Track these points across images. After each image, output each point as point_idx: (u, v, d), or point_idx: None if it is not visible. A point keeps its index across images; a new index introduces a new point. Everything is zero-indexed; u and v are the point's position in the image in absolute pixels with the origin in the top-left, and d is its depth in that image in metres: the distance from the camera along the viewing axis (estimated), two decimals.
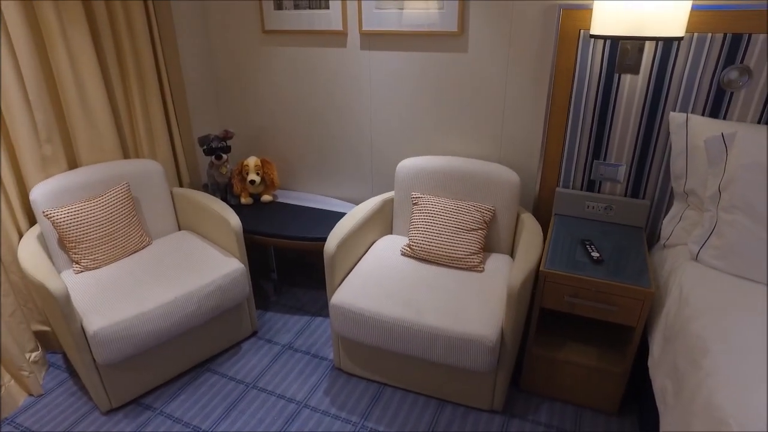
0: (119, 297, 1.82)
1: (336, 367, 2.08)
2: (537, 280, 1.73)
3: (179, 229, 2.37)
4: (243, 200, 2.53)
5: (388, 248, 2.10)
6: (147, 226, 2.24)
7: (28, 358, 1.97)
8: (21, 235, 1.98)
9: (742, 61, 1.65)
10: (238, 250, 2.08)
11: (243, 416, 1.87)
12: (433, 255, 1.97)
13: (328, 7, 2.20)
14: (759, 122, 1.70)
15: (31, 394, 1.96)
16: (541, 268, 1.71)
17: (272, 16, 2.33)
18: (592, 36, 1.65)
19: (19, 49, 1.83)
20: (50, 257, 1.97)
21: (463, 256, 1.93)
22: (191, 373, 2.08)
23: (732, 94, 1.71)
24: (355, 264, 2.04)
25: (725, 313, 1.38)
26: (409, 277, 1.90)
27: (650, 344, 1.64)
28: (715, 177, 1.63)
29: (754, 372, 1.17)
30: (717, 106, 1.74)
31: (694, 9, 1.65)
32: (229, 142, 2.45)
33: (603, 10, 1.60)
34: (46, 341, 2.15)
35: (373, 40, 2.19)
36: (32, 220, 2.02)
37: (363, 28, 2.17)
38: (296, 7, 2.26)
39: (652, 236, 2.02)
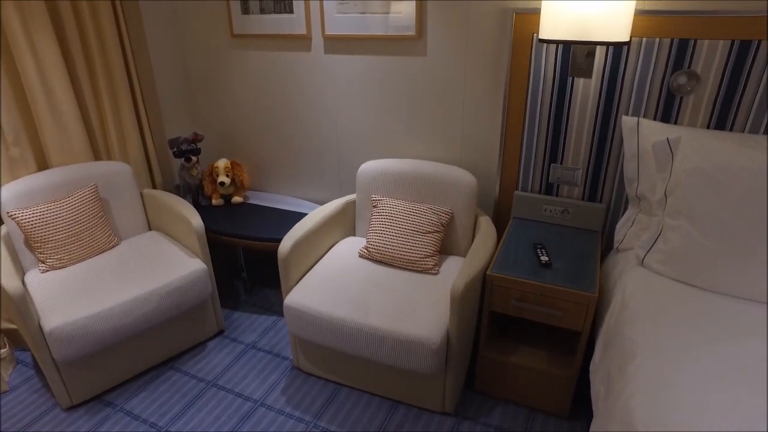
0: (80, 295, 1.87)
1: (295, 366, 2.11)
2: (485, 283, 1.74)
3: (150, 230, 2.41)
4: (214, 201, 2.57)
5: (348, 250, 2.12)
6: (116, 226, 2.29)
7: None
8: None
9: (689, 66, 1.65)
10: (201, 250, 2.12)
11: (200, 414, 1.90)
12: (388, 257, 1.99)
13: (292, 11, 2.22)
14: (708, 127, 1.70)
15: None
16: (487, 272, 1.72)
17: (240, 20, 2.36)
18: (541, 40, 1.66)
19: None
20: (17, 257, 2.02)
21: (418, 259, 1.95)
22: (155, 370, 2.12)
23: (682, 98, 1.70)
24: (314, 265, 2.06)
25: (659, 318, 1.39)
26: (363, 279, 1.92)
27: (595, 349, 1.64)
28: (662, 182, 1.63)
29: (674, 377, 1.17)
30: (668, 110, 1.74)
31: (641, 14, 1.65)
32: (198, 145, 2.49)
33: (549, 14, 1.60)
34: (15, 339, 2.21)
35: (336, 44, 2.21)
36: None
37: (326, 33, 2.19)
38: (262, 11, 2.29)
39: (612, 240, 2.02)
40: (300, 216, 2.43)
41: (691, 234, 1.52)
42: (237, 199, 2.58)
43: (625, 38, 1.56)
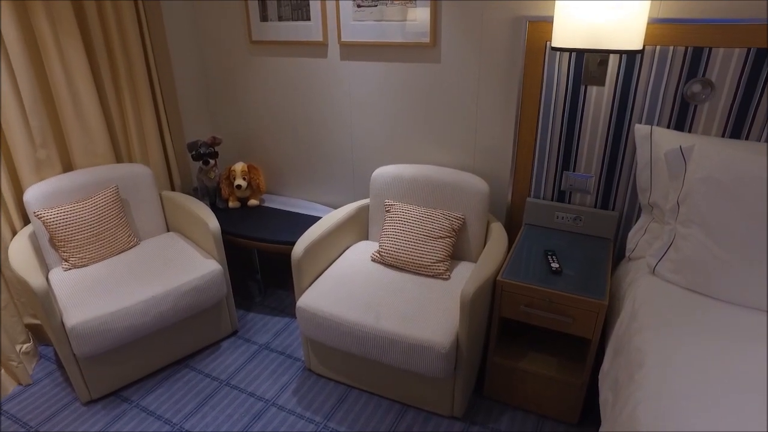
0: (100, 293, 1.93)
1: (307, 368, 2.14)
2: (495, 289, 1.75)
3: (168, 231, 2.48)
4: (231, 204, 2.62)
5: (360, 254, 2.15)
6: (136, 227, 2.36)
7: (18, 349, 2.09)
8: (15, 234, 2.11)
9: (704, 75, 1.64)
10: (216, 251, 2.17)
11: (213, 412, 1.95)
12: (400, 261, 2.01)
13: (309, 19, 2.27)
14: (723, 135, 1.69)
15: (20, 383, 2.09)
16: (498, 278, 1.73)
17: (258, 27, 2.42)
18: (554, 48, 1.67)
19: (14, 57, 1.95)
20: (42, 255, 2.10)
21: (430, 264, 1.97)
22: (171, 368, 2.18)
23: (696, 107, 1.70)
24: (326, 268, 2.09)
25: (669, 327, 1.38)
26: (374, 283, 1.94)
27: (604, 356, 1.64)
28: (675, 190, 1.63)
29: (682, 386, 1.17)
30: (682, 118, 1.73)
31: (656, 22, 1.65)
32: (216, 148, 2.55)
33: (562, 23, 1.62)
34: (39, 334, 2.28)
35: (352, 50, 2.25)
36: (26, 220, 2.16)
37: (342, 39, 2.23)
38: (280, 18, 2.34)
39: (623, 248, 2.01)
40: (314, 219, 2.47)
41: (703, 243, 1.51)
42: (253, 202, 2.63)
43: (638, 47, 1.56)
